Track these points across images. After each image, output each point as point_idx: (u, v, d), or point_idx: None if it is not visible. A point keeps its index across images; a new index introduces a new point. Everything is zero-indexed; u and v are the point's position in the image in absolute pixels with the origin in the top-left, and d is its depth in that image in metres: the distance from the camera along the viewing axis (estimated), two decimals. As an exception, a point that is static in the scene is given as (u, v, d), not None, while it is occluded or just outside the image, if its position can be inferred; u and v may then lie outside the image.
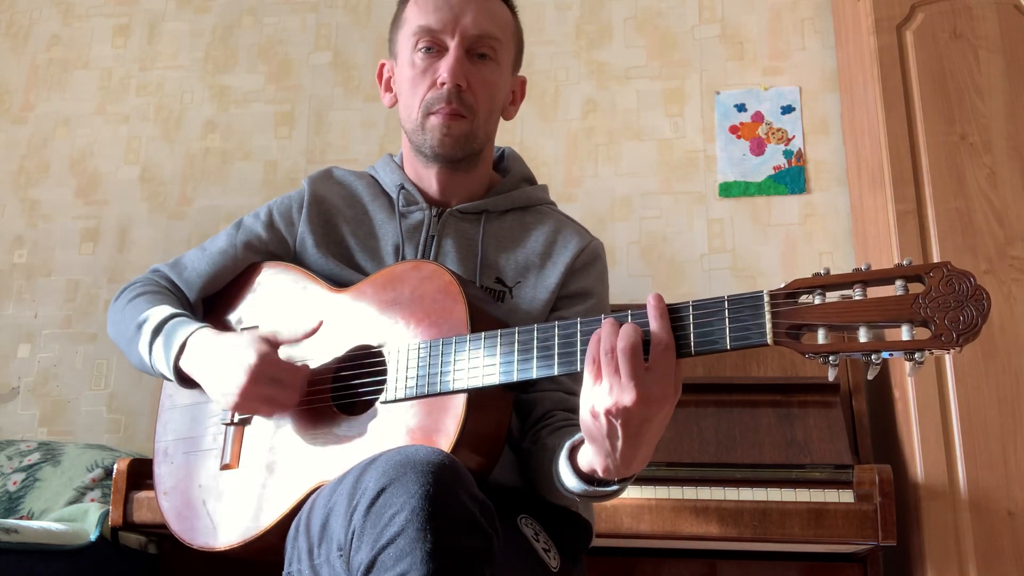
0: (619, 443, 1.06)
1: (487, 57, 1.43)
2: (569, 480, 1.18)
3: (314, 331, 1.32)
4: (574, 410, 1.34)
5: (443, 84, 1.39)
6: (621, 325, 1.07)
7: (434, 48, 1.41)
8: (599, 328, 1.09)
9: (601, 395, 1.05)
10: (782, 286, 1.04)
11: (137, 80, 3.24)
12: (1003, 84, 2.34)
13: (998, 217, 2.24)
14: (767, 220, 2.80)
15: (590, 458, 1.12)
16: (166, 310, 1.40)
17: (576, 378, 1.27)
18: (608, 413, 1.04)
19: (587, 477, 1.15)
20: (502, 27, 1.45)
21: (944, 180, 2.28)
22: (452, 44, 1.40)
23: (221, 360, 1.29)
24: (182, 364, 1.34)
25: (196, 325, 1.36)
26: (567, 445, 1.18)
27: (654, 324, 1.06)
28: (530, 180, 1.56)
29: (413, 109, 1.43)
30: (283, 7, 3.24)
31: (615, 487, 1.15)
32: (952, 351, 0.95)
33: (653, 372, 1.03)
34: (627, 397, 1.03)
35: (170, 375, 1.36)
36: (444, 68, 1.39)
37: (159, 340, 1.37)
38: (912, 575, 2.14)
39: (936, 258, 2.22)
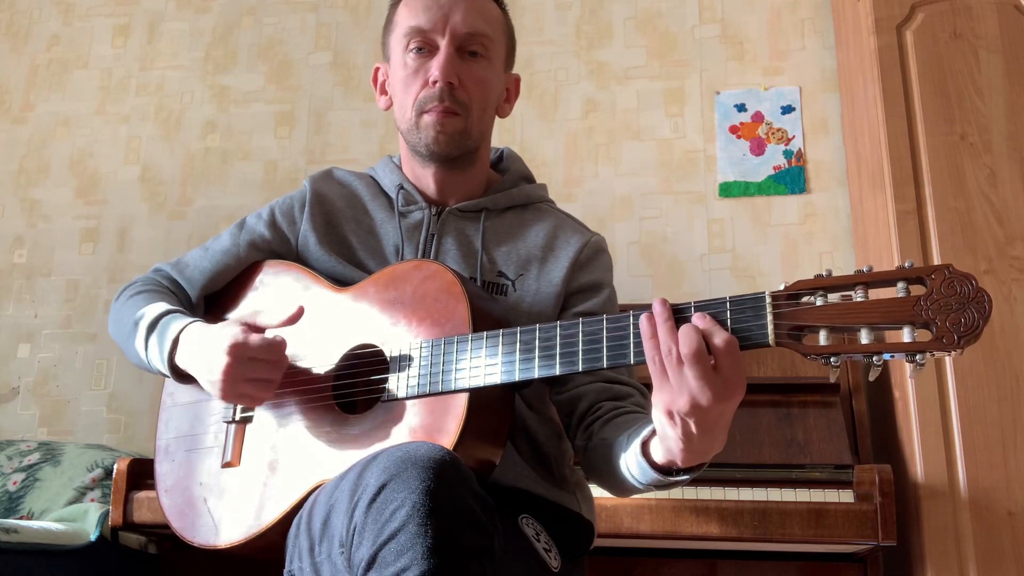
0: (696, 438, 1.06)
1: (478, 54, 1.44)
2: (646, 474, 1.17)
3: (295, 317, 1.33)
4: (619, 397, 1.36)
5: (435, 83, 1.40)
6: (678, 327, 1.05)
7: (425, 48, 1.42)
8: (640, 323, 1.07)
9: (673, 397, 1.04)
10: (783, 287, 1.04)
11: (137, 80, 3.24)
12: (1003, 84, 2.34)
13: (998, 217, 2.24)
14: (767, 220, 2.80)
15: (667, 451, 1.11)
16: (162, 307, 1.40)
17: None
18: (683, 414, 1.04)
19: (662, 468, 1.15)
20: (492, 24, 1.46)
21: (944, 180, 2.28)
22: (443, 43, 1.41)
23: (205, 349, 1.29)
24: (177, 359, 1.35)
25: (188, 320, 1.36)
26: (638, 441, 1.18)
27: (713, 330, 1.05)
28: (529, 179, 1.57)
29: (407, 109, 1.44)
30: (283, 7, 3.24)
31: (693, 474, 1.16)
32: (953, 353, 0.95)
33: (722, 371, 1.03)
34: (703, 398, 1.02)
35: (166, 371, 1.37)
36: (435, 67, 1.40)
37: (154, 337, 1.38)
38: (912, 575, 2.14)
39: (936, 258, 2.22)
